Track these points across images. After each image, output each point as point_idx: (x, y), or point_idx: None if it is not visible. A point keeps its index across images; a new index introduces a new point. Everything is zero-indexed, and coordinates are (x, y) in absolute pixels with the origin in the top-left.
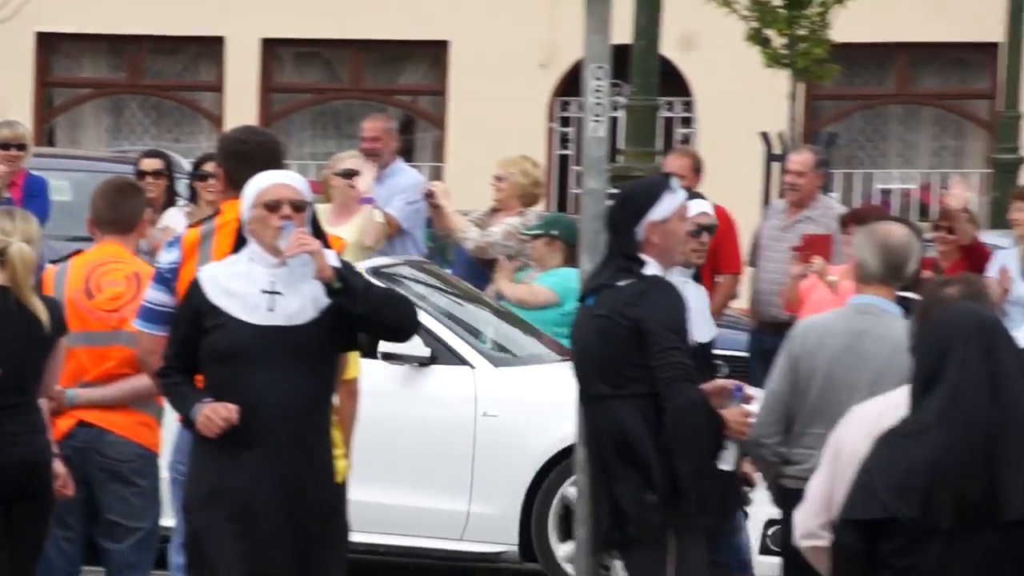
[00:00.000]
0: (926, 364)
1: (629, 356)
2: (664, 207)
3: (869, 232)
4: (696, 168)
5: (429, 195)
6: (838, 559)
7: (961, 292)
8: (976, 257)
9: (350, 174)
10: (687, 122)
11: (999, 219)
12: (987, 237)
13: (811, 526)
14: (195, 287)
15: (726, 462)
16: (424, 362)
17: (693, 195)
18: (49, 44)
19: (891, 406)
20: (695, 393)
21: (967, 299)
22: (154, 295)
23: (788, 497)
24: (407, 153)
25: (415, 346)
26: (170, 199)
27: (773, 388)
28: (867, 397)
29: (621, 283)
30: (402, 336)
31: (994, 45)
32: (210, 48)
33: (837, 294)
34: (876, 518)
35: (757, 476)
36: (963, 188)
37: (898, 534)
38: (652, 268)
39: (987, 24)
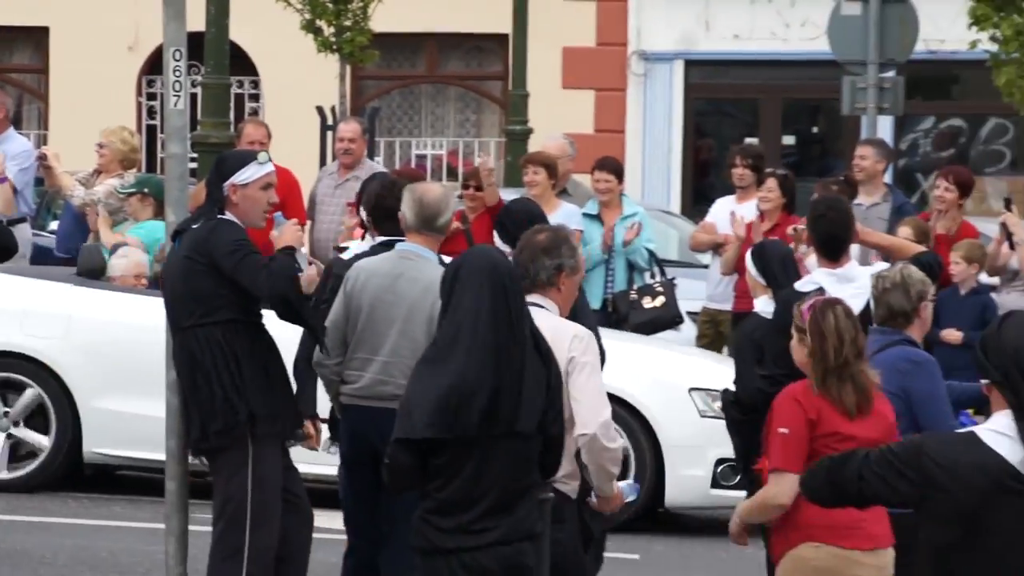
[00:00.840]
0: (443, 295)
1: (212, 287)
2: (246, 174)
3: (410, 190)
4: (268, 135)
5: (42, 157)
6: (393, 475)
7: (548, 238)
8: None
9: None
10: (255, 97)
11: (513, 180)
12: (504, 195)
13: None
14: None
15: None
16: None
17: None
18: None
19: None
20: (277, 274)
21: (553, 244)
22: None
23: (345, 411)
24: (17, 122)
25: None
26: None
27: (333, 319)
28: (402, 329)
29: (196, 225)
30: (7, 256)
31: (505, 35)
32: None
33: None
34: (418, 437)
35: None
36: (490, 159)
37: (441, 448)
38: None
39: (498, 18)
